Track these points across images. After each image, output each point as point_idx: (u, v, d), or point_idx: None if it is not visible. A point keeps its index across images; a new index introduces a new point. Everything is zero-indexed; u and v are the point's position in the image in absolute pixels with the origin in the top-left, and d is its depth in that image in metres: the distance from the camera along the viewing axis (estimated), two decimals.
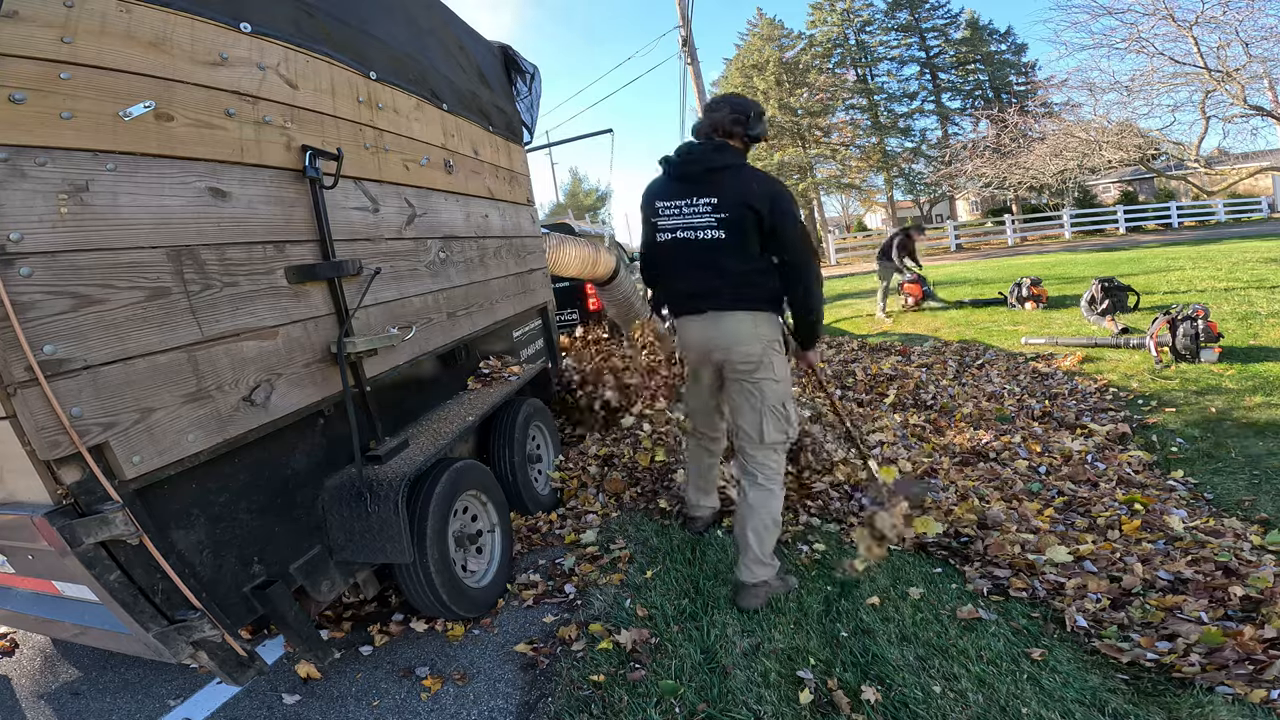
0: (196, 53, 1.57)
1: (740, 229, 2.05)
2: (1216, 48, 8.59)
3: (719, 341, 2.14)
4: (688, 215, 2.12)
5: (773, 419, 2.13)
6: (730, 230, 2.06)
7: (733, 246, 2.07)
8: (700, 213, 2.09)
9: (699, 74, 11.01)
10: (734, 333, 2.11)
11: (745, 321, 2.10)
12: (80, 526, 1.24)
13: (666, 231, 2.20)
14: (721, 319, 2.13)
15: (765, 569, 2.12)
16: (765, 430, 2.13)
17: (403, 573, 2.08)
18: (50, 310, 1.21)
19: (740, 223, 2.04)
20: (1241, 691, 1.60)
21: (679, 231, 2.15)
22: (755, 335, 2.11)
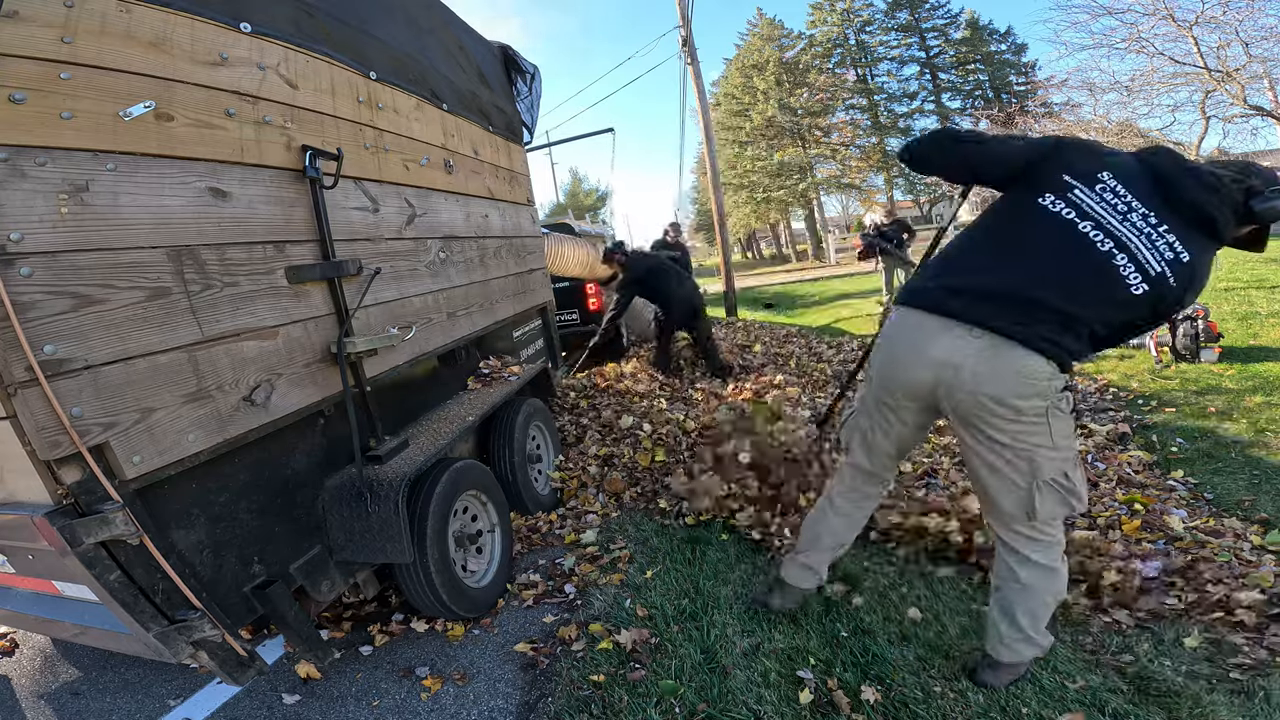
0: (196, 53, 1.57)
1: (1159, 294, 1.40)
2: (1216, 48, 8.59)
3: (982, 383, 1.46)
4: (1135, 227, 1.41)
5: (1053, 493, 1.51)
6: (1151, 298, 1.40)
7: (1131, 306, 1.42)
8: (1156, 246, 1.40)
9: (699, 74, 11.01)
10: (1016, 380, 1.44)
11: (1037, 373, 1.43)
12: (80, 526, 1.24)
13: (1073, 210, 1.45)
14: (1006, 353, 1.44)
15: (1033, 649, 1.65)
16: (1040, 508, 1.52)
17: (403, 573, 2.08)
18: (50, 310, 1.21)
19: (1162, 299, 1.41)
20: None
21: (1090, 227, 1.43)
22: (1045, 389, 1.45)
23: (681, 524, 2.88)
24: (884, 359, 1.66)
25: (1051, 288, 1.43)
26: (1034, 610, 1.60)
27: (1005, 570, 1.62)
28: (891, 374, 1.63)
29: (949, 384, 1.50)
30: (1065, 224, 1.45)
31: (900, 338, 1.61)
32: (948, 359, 1.49)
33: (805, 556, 1.99)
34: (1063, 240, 1.44)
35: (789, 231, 32.85)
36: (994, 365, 1.44)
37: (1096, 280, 1.42)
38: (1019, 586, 1.59)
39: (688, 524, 2.88)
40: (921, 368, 1.54)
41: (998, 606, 1.65)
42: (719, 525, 2.83)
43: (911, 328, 1.58)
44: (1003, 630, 1.63)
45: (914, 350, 1.55)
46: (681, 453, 3.46)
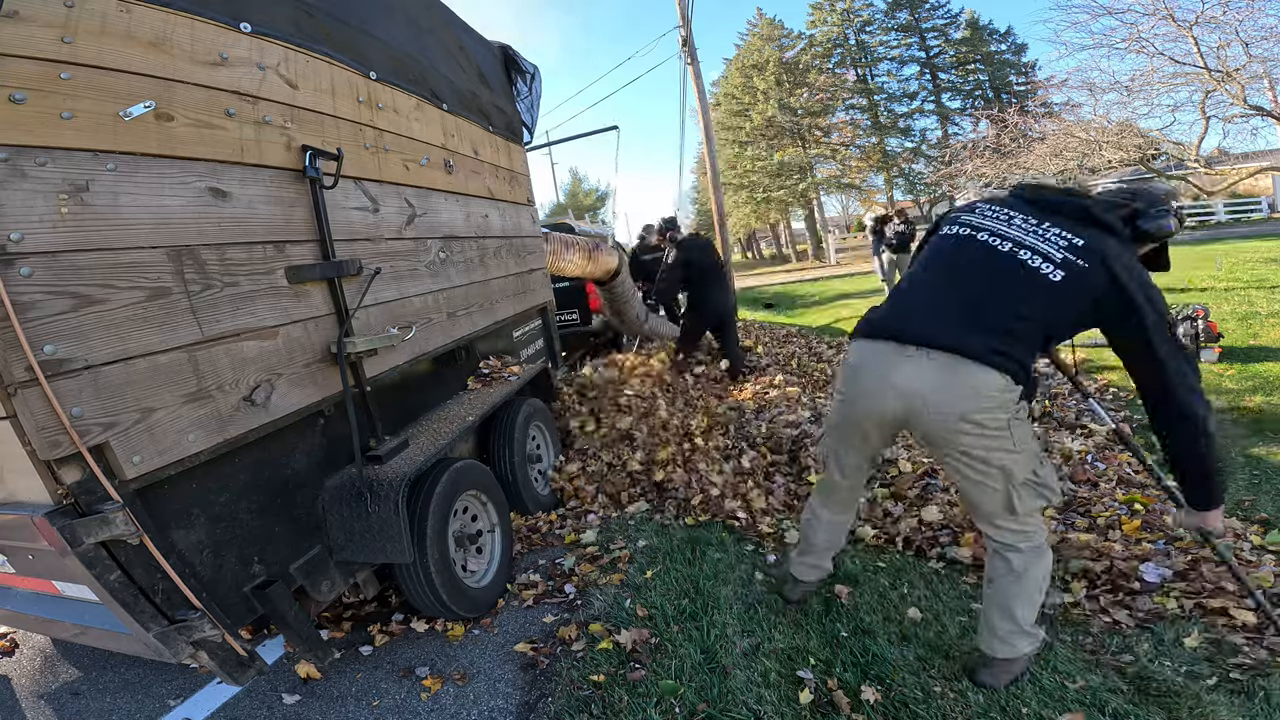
0: (196, 53, 1.57)
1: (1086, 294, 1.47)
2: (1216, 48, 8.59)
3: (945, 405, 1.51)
4: (1021, 228, 1.56)
5: (1028, 491, 1.59)
6: (1072, 283, 1.47)
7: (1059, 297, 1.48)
8: (1047, 238, 1.52)
9: (699, 74, 11.01)
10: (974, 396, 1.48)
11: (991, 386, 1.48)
12: (80, 526, 1.24)
13: (966, 227, 1.63)
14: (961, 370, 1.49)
15: (1029, 641, 1.69)
16: (1019, 505, 1.59)
17: (403, 573, 2.08)
18: (50, 310, 1.21)
19: (1092, 288, 1.47)
20: None
21: (987, 236, 1.58)
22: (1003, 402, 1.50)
23: (681, 524, 2.89)
24: (849, 391, 1.72)
25: (981, 294, 1.54)
26: (1030, 597, 1.66)
27: (1000, 563, 1.67)
28: (859, 406, 1.70)
29: (915, 411, 1.56)
30: (966, 239, 1.63)
31: (862, 369, 1.68)
32: (909, 387, 1.55)
33: (807, 557, 2.14)
34: (971, 250, 1.61)
35: (789, 231, 32.85)
36: (952, 385, 1.50)
37: (1012, 275, 1.52)
38: (1014, 575, 1.65)
39: (688, 524, 2.88)
40: (888, 398, 1.60)
41: (993, 602, 1.69)
42: (719, 525, 2.83)
43: (870, 357, 1.65)
44: (998, 625, 1.68)
45: (878, 380, 1.61)
46: (682, 452, 3.45)
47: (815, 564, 2.12)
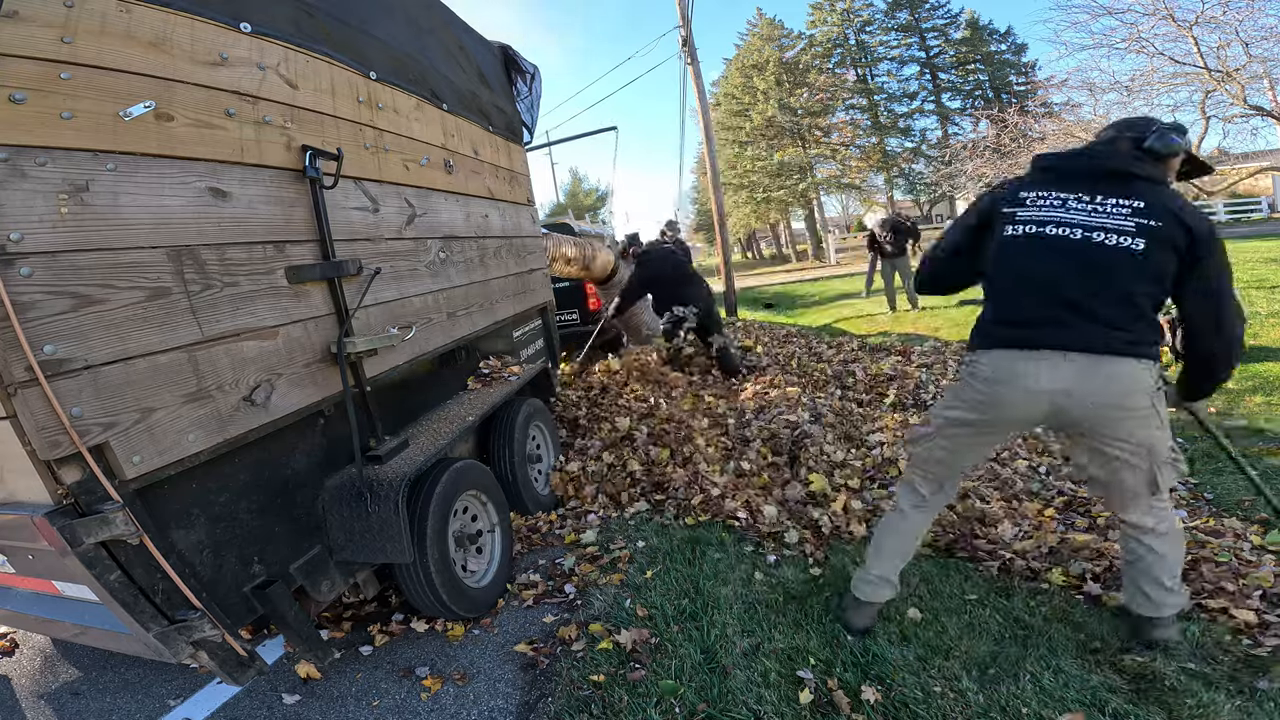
0: (196, 53, 1.57)
1: (1169, 247, 1.53)
2: (1216, 48, 8.59)
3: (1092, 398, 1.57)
4: (1081, 210, 1.59)
5: (1167, 469, 1.68)
6: (1154, 245, 1.52)
7: (1150, 264, 1.53)
8: (1109, 212, 1.56)
9: (699, 74, 11.01)
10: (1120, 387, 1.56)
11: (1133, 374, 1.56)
12: (80, 526, 1.24)
13: (1028, 224, 1.64)
14: (1101, 367, 1.56)
15: (1180, 599, 1.80)
16: (1161, 482, 1.68)
17: (403, 573, 2.08)
18: (50, 310, 1.21)
19: (1171, 240, 1.52)
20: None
21: (1054, 229, 1.60)
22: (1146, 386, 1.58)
23: (681, 524, 2.89)
24: (995, 397, 1.73)
25: (1081, 288, 1.58)
26: (1173, 568, 1.77)
27: (1140, 548, 1.76)
28: (1004, 412, 1.73)
29: (1063, 407, 1.63)
30: (1035, 238, 1.65)
31: (1001, 377, 1.70)
32: (1055, 387, 1.61)
33: (876, 570, 2.00)
34: (1047, 249, 1.63)
35: (789, 231, 32.85)
36: (1097, 380, 1.57)
37: (1102, 261, 1.56)
38: (1157, 556, 1.74)
39: (687, 524, 2.88)
40: (1035, 401, 1.66)
41: (1142, 578, 1.78)
42: (719, 525, 2.83)
43: (1007, 366, 1.69)
44: (1152, 594, 1.77)
45: (1021, 388, 1.66)
46: (682, 453, 3.45)
47: (883, 577, 1.98)
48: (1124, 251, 1.54)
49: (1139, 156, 1.62)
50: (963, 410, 1.82)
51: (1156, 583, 1.76)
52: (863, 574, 2.03)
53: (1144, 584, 1.78)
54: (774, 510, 2.84)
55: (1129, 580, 1.83)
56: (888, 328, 7.90)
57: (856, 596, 2.02)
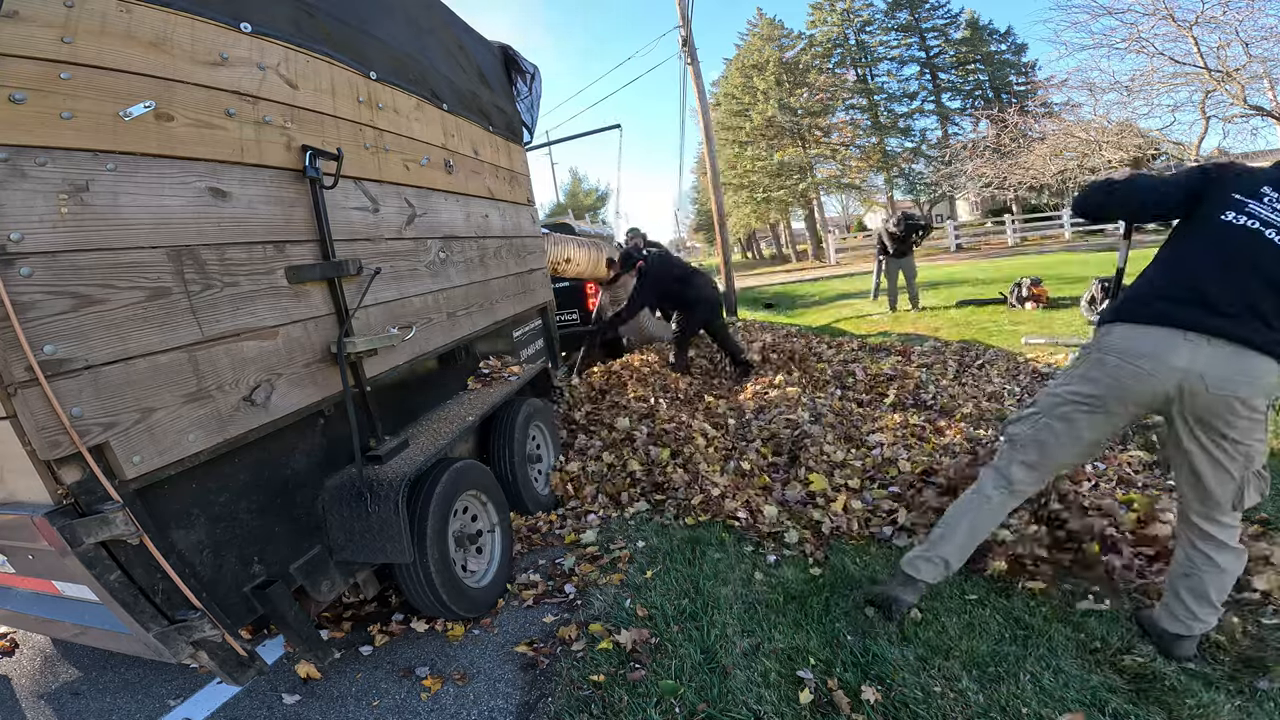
0: (196, 53, 1.57)
1: None
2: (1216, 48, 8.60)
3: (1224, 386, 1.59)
4: None
5: (1255, 483, 1.71)
6: None
7: None
8: None
9: (699, 74, 11.01)
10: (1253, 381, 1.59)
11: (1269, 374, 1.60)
12: (80, 526, 1.24)
13: (1254, 220, 1.64)
14: (1244, 359, 1.58)
15: (1216, 617, 1.80)
16: (1247, 496, 1.71)
17: (403, 573, 2.08)
18: (50, 310, 1.21)
19: None
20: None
21: (1274, 232, 1.62)
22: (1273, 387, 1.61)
23: (681, 524, 2.89)
24: (1122, 372, 1.72)
25: (1264, 293, 1.59)
26: (1224, 587, 1.77)
27: (1202, 559, 1.76)
28: (1129, 384, 1.72)
29: (1192, 389, 1.62)
30: (1253, 233, 1.63)
31: (1136, 350, 1.70)
32: (1190, 367, 1.61)
33: (943, 551, 1.99)
34: (1256, 248, 1.61)
35: (789, 231, 32.83)
36: (1233, 370, 1.58)
37: None
38: (1216, 570, 1.75)
39: (687, 524, 2.88)
40: (1164, 377, 1.65)
41: (1190, 591, 1.78)
42: (719, 525, 2.83)
43: (1145, 340, 1.69)
44: (1195, 609, 1.77)
45: (1155, 361, 1.66)
46: (682, 453, 3.45)
47: (946, 559, 1.97)
48: None
49: None
50: (1087, 386, 1.80)
51: (1203, 599, 1.75)
52: (924, 553, 2.01)
53: (1189, 598, 1.77)
54: (774, 510, 2.84)
55: (1172, 592, 1.82)
56: (888, 328, 7.90)
57: (911, 575, 2.01)
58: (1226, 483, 1.68)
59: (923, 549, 2.03)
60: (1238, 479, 1.67)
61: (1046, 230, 20.45)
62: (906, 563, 2.04)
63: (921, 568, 2.00)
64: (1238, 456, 1.65)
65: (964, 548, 1.98)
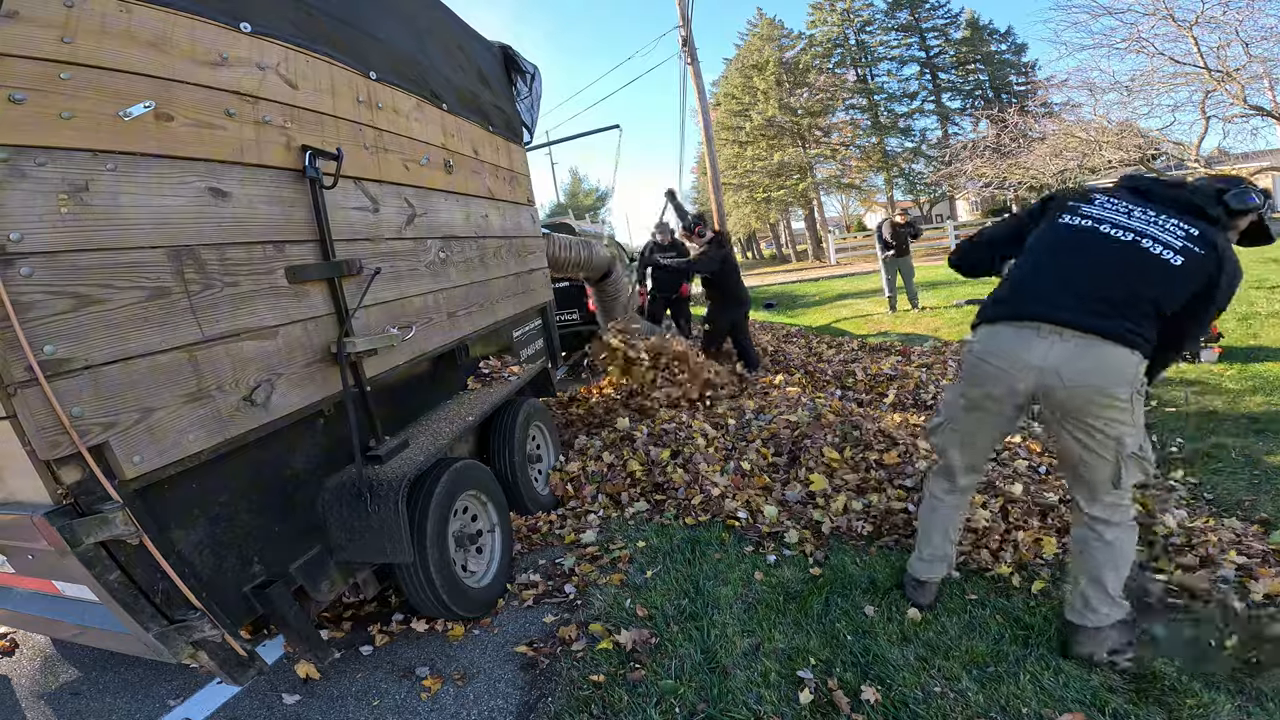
0: (196, 53, 1.57)
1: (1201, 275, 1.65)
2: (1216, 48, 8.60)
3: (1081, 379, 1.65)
4: (1141, 219, 1.72)
5: (1135, 464, 1.75)
6: (1190, 266, 1.64)
7: (1178, 279, 1.65)
8: (1164, 227, 1.70)
9: (699, 74, 11.01)
10: (1108, 372, 1.65)
11: (1124, 363, 1.65)
12: (80, 526, 1.24)
13: (1088, 219, 1.77)
14: (1096, 349, 1.64)
15: (1117, 610, 1.81)
16: (1126, 476, 1.75)
17: (403, 573, 2.08)
18: (50, 310, 1.21)
19: (1205, 270, 1.65)
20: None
21: (1109, 228, 1.73)
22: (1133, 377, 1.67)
23: (681, 524, 2.89)
24: (981, 372, 1.83)
25: (1109, 281, 1.68)
26: (1119, 568, 1.79)
27: (1093, 538, 1.80)
28: (991, 384, 1.81)
29: (1049, 385, 1.70)
30: (1089, 230, 1.76)
31: (995, 350, 1.79)
32: (1044, 364, 1.69)
33: (928, 550, 2.10)
34: (1095, 241, 1.74)
35: (789, 231, 32.83)
36: (1087, 362, 1.64)
37: (1138, 262, 1.67)
38: (1105, 547, 1.78)
39: (687, 524, 2.88)
40: (1023, 374, 1.73)
41: (1085, 575, 1.81)
42: (719, 525, 2.83)
43: (1003, 339, 1.78)
44: (1090, 595, 1.80)
45: (1012, 359, 1.74)
46: (683, 453, 3.45)
47: (937, 555, 2.09)
48: (1161, 261, 1.65)
49: (1215, 202, 1.74)
50: (965, 387, 1.91)
51: (1097, 583, 1.78)
52: (916, 556, 2.13)
53: (1085, 584, 1.81)
54: (774, 510, 2.84)
55: (1072, 579, 1.87)
56: (888, 328, 7.90)
57: (917, 578, 2.11)
58: (1102, 466, 1.73)
59: (915, 554, 2.15)
60: (1112, 462, 1.72)
61: None
62: (910, 567, 2.16)
63: (921, 569, 2.11)
64: (1109, 443, 1.69)
65: (947, 543, 2.09)
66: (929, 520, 2.12)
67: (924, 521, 2.14)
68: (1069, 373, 1.66)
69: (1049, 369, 1.68)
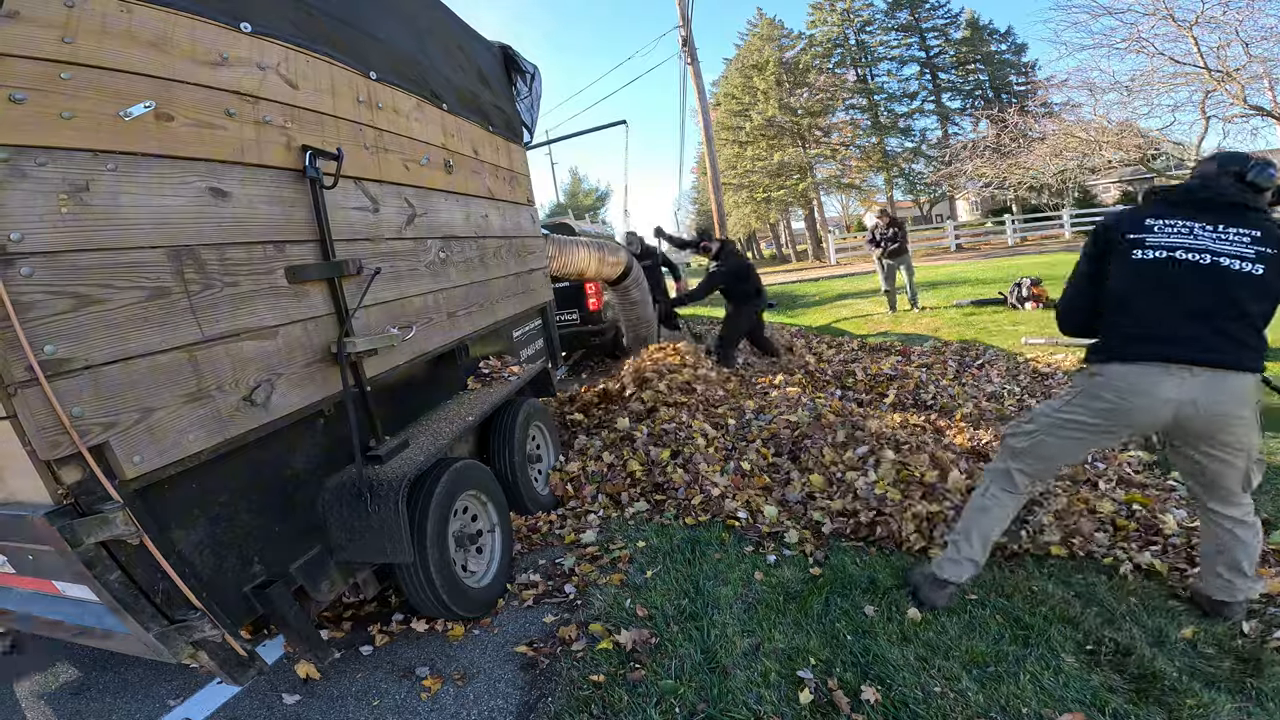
0: (197, 53, 1.57)
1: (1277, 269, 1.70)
2: (1216, 48, 8.60)
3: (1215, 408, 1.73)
4: (1204, 237, 1.75)
5: (1257, 468, 1.91)
6: (1269, 269, 1.69)
7: (1266, 287, 1.70)
8: (1230, 240, 1.73)
9: (699, 74, 11.01)
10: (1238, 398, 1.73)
11: (1249, 385, 1.74)
12: (80, 526, 1.24)
13: (1159, 249, 1.79)
14: (1226, 381, 1.72)
15: (1257, 585, 1.99)
16: (1253, 479, 1.91)
17: (403, 573, 2.08)
18: (51, 310, 1.21)
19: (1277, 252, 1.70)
20: None
21: (1184, 253, 1.76)
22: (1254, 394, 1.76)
23: (681, 524, 2.89)
24: (1114, 407, 1.87)
25: (1213, 307, 1.73)
26: (1252, 556, 1.96)
27: (1228, 536, 1.95)
28: (1124, 418, 1.88)
29: (1187, 416, 1.78)
30: (1165, 262, 1.79)
31: (1131, 388, 1.84)
32: (1180, 398, 1.76)
33: (967, 552, 2.10)
34: (1180, 271, 1.77)
35: (789, 231, 32.83)
36: (1220, 393, 1.73)
37: (1228, 283, 1.72)
38: (1241, 543, 1.94)
39: (687, 524, 2.88)
40: (1160, 410, 1.80)
41: (1226, 565, 1.97)
42: (719, 525, 2.83)
43: (1134, 378, 1.83)
44: (1234, 581, 1.96)
45: (1148, 397, 1.80)
46: (683, 453, 3.45)
47: (969, 558, 2.09)
48: (1246, 275, 1.71)
49: (1245, 189, 1.78)
50: (1086, 415, 1.94)
51: (1237, 569, 1.94)
52: (951, 555, 2.13)
53: (1225, 570, 1.96)
54: (774, 510, 2.84)
55: (1209, 567, 2.02)
56: (888, 328, 7.90)
57: (944, 578, 2.11)
58: (1235, 476, 1.88)
59: (950, 552, 2.14)
60: (1243, 469, 1.87)
61: (1046, 230, 20.45)
62: (936, 566, 2.15)
63: (951, 570, 2.10)
64: (1240, 453, 1.83)
65: (984, 545, 2.10)
66: (977, 520, 2.11)
67: (970, 520, 2.14)
68: (1205, 403, 1.73)
69: (1186, 401, 1.75)
